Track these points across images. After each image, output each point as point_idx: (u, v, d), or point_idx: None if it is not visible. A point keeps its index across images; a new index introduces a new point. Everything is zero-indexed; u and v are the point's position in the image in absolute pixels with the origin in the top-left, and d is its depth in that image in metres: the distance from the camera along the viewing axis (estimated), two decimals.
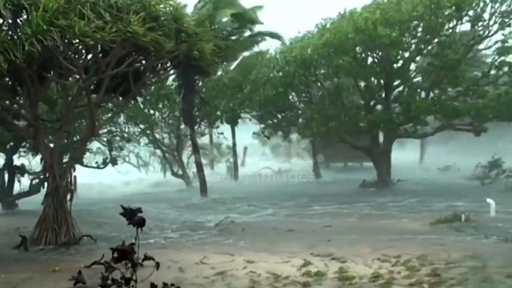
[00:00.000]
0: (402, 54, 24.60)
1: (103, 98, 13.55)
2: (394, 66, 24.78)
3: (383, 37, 21.90)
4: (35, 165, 22.01)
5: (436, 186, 25.18)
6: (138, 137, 31.96)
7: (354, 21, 22.67)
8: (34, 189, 21.49)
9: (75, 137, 20.28)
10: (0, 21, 10.25)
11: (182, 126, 31.35)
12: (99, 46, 11.31)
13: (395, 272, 8.41)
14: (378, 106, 26.91)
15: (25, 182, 22.31)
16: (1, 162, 21.96)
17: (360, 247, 10.73)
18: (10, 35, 9.96)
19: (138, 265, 5.89)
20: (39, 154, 15.90)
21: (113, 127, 26.86)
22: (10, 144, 20.77)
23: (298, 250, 10.64)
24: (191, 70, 15.66)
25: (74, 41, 10.75)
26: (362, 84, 26.54)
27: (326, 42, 23.34)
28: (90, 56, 12.30)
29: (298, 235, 13.04)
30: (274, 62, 26.89)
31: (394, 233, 12.80)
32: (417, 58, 25.88)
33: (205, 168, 29.29)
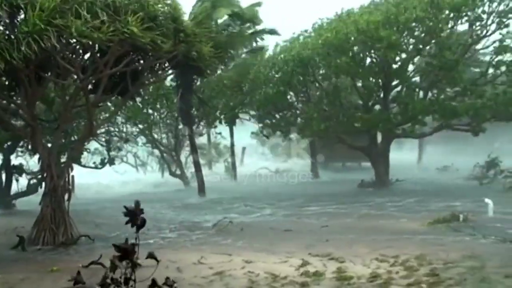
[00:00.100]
0: (400, 55, 24.63)
1: (101, 98, 13.52)
2: (393, 66, 24.78)
3: (384, 39, 21.94)
4: (33, 165, 21.98)
5: (434, 186, 25.19)
6: (136, 137, 31.91)
7: (355, 21, 22.64)
8: (31, 189, 21.46)
9: (73, 137, 20.25)
10: None
11: (180, 126, 31.34)
12: (97, 46, 11.29)
13: (393, 272, 8.41)
14: (377, 106, 26.94)
15: (23, 182, 22.30)
16: None
17: (358, 247, 10.73)
18: (7, 35, 9.94)
19: (137, 265, 5.86)
20: (37, 154, 15.85)
21: (111, 127, 26.82)
22: (8, 144, 20.74)
23: (296, 250, 10.63)
24: (189, 71, 15.66)
25: (71, 41, 10.72)
26: (360, 84, 26.53)
27: (325, 42, 23.33)
28: (87, 56, 12.27)
29: (296, 235, 13.03)
30: (272, 61, 26.87)
31: (392, 233, 12.80)
32: (415, 59, 25.93)
33: (203, 168, 29.26)
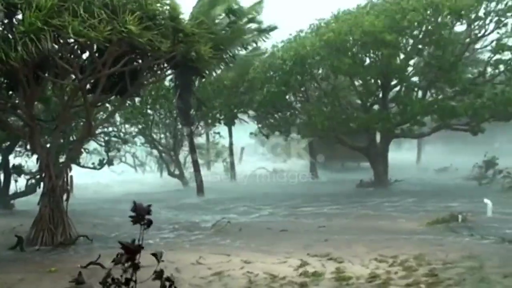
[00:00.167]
0: (399, 55, 24.64)
1: (100, 98, 13.50)
2: (392, 66, 24.77)
3: (390, 42, 22.04)
4: (32, 165, 21.94)
5: (433, 186, 25.22)
6: (135, 137, 31.88)
7: (360, 23, 22.59)
8: (30, 189, 21.42)
9: (72, 137, 20.22)
10: None
11: (179, 126, 31.32)
12: (95, 46, 11.27)
13: (392, 272, 8.40)
14: (375, 107, 26.95)
15: (21, 182, 22.27)
16: None
17: (357, 247, 10.71)
18: (5, 35, 9.92)
19: (138, 266, 5.83)
20: (35, 154, 15.83)
21: (110, 127, 26.79)
22: (6, 144, 20.70)
23: (295, 250, 10.61)
24: (188, 71, 15.64)
25: (70, 40, 10.69)
26: (357, 83, 26.53)
27: (327, 42, 23.28)
28: (86, 55, 12.25)
29: (295, 235, 13.01)
30: (269, 61, 26.84)
31: (391, 233, 12.79)
32: (413, 61, 25.95)
33: (202, 168, 29.25)
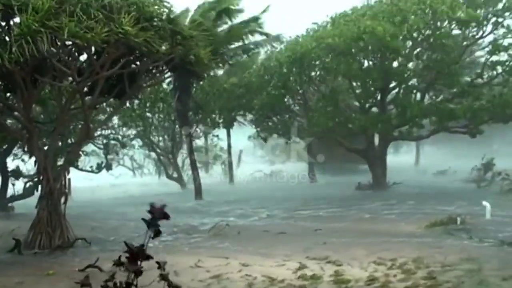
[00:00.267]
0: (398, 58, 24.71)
1: (98, 100, 13.48)
2: (391, 69, 24.81)
3: (397, 48, 22.14)
4: (30, 168, 21.90)
5: (432, 189, 25.19)
6: (132, 140, 31.85)
7: (360, 27, 22.61)
8: (28, 192, 21.37)
9: (70, 139, 20.18)
10: None
11: (177, 128, 31.30)
12: (93, 48, 11.25)
13: (391, 275, 8.40)
14: (374, 109, 26.96)
15: (19, 185, 22.24)
16: None
17: (355, 250, 10.69)
18: (1, 37, 9.91)
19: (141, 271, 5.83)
20: (33, 157, 15.81)
21: (108, 130, 26.76)
22: (4, 147, 20.65)
23: (294, 253, 10.60)
24: (187, 74, 15.63)
25: (67, 42, 10.68)
26: (355, 84, 26.54)
27: (333, 46, 23.26)
28: (84, 58, 12.23)
29: (294, 238, 12.99)
30: (267, 63, 26.83)
31: (389, 236, 12.78)
32: (411, 63, 26.00)
33: (200, 170, 29.21)
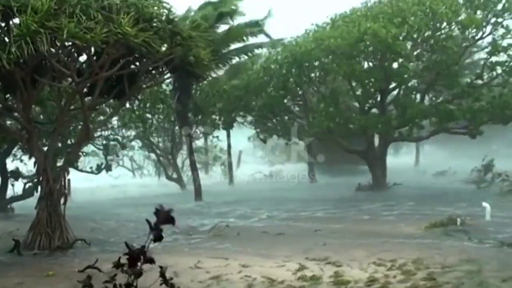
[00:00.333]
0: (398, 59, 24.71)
1: (97, 101, 13.48)
2: (391, 69, 24.80)
3: (401, 50, 22.22)
4: (30, 168, 21.89)
5: (431, 190, 25.18)
6: (131, 141, 31.83)
7: (361, 28, 22.63)
8: (27, 193, 21.36)
9: (70, 140, 20.17)
10: None
11: (176, 128, 31.31)
12: (92, 49, 11.26)
13: (391, 276, 8.38)
14: (373, 110, 26.96)
15: (19, 186, 22.24)
16: None
17: (355, 251, 10.68)
18: (1, 38, 9.92)
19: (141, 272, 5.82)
20: (33, 157, 15.81)
21: (108, 131, 26.73)
22: (3, 148, 20.65)
23: (294, 254, 10.58)
24: (187, 75, 15.62)
25: (66, 43, 10.68)
26: (354, 84, 26.53)
27: (332, 46, 23.25)
28: (83, 58, 12.23)
29: (293, 239, 12.98)
30: (266, 65, 26.82)
31: (389, 237, 12.77)
32: (411, 64, 25.99)
33: (200, 171, 29.21)
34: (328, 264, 9.51)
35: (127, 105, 22.33)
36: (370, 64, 25.28)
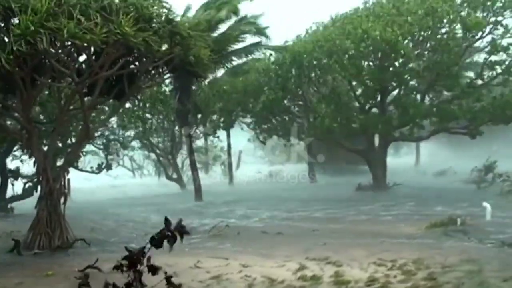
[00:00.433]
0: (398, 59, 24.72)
1: (97, 101, 13.46)
2: (391, 69, 24.81)
3: (403, 50, 22.19)
4: (30, 168, 21.88)
5: (432, 190, 25.16)
6: (131, 141, 31.82)
7: (363, 29, 22.62)
8: (27, 192, 21.35)
9: (70, 140, 20.17)
10: None
11: (176, 128, 31.30)
12: (92, 49, 11.24)
13: (391, 276, 8.36)
14: (374, 110, 26.94)
15: (19, 186, 22.22)
16: None
17: (355, 251, 10.66)
18: (1, 39, 9.90)
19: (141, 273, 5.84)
20: (33, 157, 15.80)
21: (108, 131, 26.74)
22: (3, 147, 20.64)
23: (294, 254, 10.56)
24: (187, 75, 15.61)
25: (66, 43, 10.67)
26: (354, 83, 26.53)
27: (332, 47, 23.19)
28: (82, 58, 12.22)
29: (294, 239, 12.96)
30: (265, 66, 26.81)
31: (389, 237, 12.76)
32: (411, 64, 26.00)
33: (199, 171, 29.21)
34: (328, 264, 9.49)
35: (127, 105, 22.35)
36: (371, 64, 25.26)
